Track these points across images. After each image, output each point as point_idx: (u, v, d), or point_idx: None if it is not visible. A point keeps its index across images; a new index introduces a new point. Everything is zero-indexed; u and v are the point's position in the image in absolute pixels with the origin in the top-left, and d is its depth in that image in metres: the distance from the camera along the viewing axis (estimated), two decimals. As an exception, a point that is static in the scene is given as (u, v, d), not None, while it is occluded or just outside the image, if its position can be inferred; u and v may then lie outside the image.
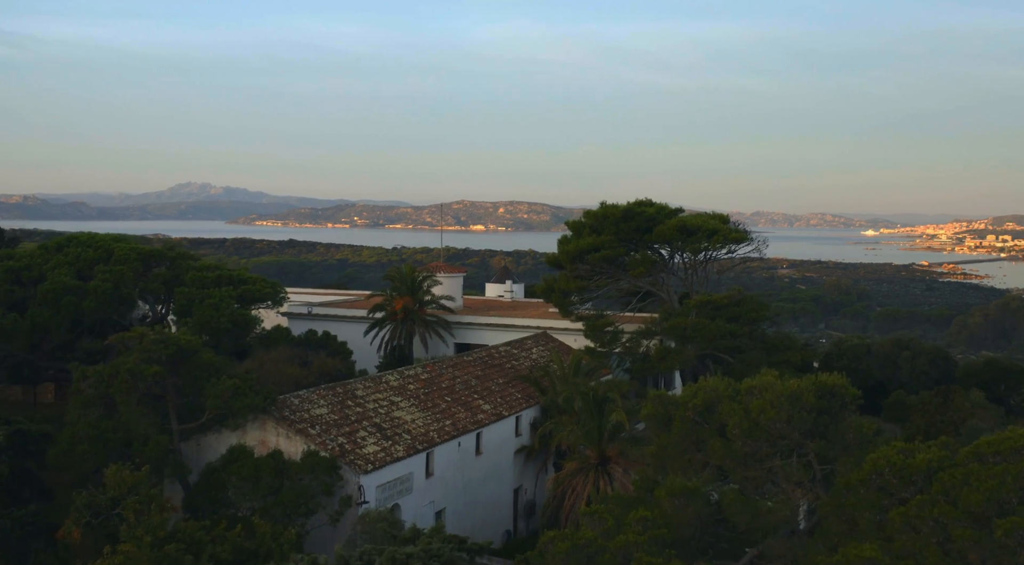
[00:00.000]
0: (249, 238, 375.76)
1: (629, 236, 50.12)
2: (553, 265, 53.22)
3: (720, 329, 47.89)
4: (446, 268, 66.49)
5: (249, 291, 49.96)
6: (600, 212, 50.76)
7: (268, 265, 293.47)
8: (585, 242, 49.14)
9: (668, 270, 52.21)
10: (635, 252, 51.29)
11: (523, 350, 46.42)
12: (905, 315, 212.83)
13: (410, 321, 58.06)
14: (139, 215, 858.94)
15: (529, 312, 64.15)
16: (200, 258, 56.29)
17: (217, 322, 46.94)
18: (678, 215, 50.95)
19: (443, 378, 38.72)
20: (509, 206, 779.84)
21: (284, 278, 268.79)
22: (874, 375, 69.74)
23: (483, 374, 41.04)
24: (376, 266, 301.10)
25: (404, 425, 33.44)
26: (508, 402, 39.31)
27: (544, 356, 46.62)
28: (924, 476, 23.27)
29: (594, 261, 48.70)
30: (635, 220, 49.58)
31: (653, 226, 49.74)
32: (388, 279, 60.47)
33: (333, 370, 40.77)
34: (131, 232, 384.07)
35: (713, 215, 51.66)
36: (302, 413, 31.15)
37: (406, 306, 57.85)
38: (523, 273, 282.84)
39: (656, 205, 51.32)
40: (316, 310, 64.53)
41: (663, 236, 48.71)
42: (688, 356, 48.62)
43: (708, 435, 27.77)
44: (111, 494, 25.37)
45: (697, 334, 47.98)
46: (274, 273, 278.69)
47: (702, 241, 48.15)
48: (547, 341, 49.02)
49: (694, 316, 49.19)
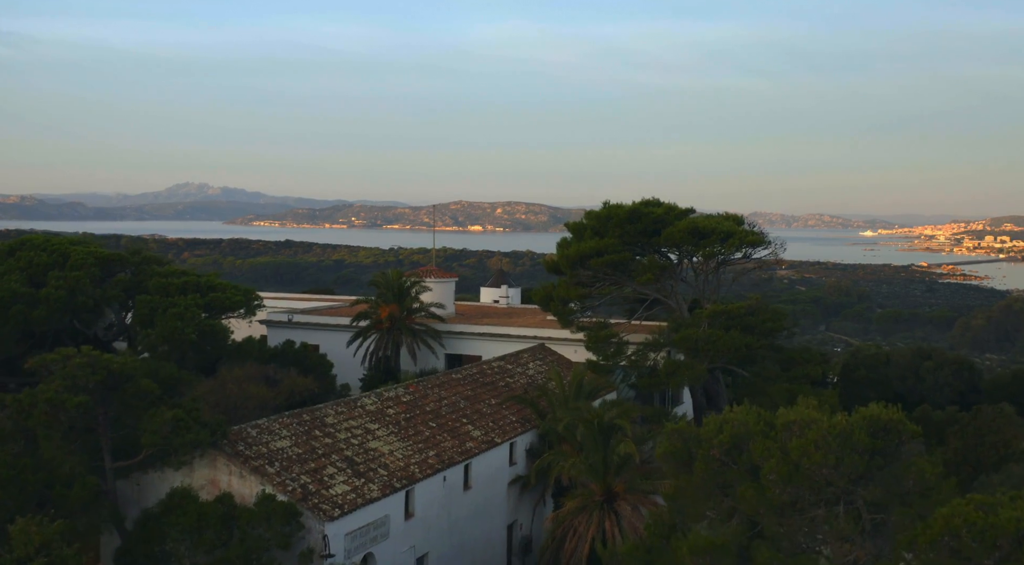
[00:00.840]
0: (245, 239, 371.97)
1: (635, 239, 45.67)
2: (552, 270, 48.76)
3: (735, 341, 43.48)
4: (437, 273, 62.04)
5: (218, 299, 45.50)
6: (603, 213, 46.31)
7: (264, 266, 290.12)
8: (587, 246, 44.68)
9: (676, 276, 47.77)
10: (642, 256, 46.85)
11: (518, 365, 41.98)
12: (907, 317, 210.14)
13: (397, 331, 53.59)
14: (136, 215, 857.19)
15: (526, 320, 59.67)
16: (168, 263, 51.77)
17: (182, 334, 42.51)
18: (688, 216, 46.50)
19: (427, 400, 34.27)
20: (507, 206, 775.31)
21: (279, 279, 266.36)
22: (894, 387, 65.37)
23: (473, 394, 36.59)
24: (373, 267, 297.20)
25: (380, 458, 28.96)
26: (501, 427, 34.88)
27: (542, 372, 42.18)
28: (1012, 541, 18.88)
29: (597, 266, 44.25)
30: (642, 221, 45.14)
31: (661, 228, 45.30)
32: (373, 285, 55.95)
33: (304, 390, 36.25)
34: (128, 232, 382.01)
35: (726, 216, 47.22)
36: (260, 447, 26.69)
37: (392, 314, 53.37)
38: (520, 274, 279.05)
39: (664, 205, 46.87)
40: (297, 318, 60.05)
41: (672, 239, 44.25)
42: (700, 371, 44.17)
43: (737, 478, 23.31)
44: (17, 554, 20.89)
45: (710, 347, 43.56)
46: (270, 274, 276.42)
47: (716, 244, 43.69)
48: (545, 354, 44.61)
49: (706, 327, 44.77)
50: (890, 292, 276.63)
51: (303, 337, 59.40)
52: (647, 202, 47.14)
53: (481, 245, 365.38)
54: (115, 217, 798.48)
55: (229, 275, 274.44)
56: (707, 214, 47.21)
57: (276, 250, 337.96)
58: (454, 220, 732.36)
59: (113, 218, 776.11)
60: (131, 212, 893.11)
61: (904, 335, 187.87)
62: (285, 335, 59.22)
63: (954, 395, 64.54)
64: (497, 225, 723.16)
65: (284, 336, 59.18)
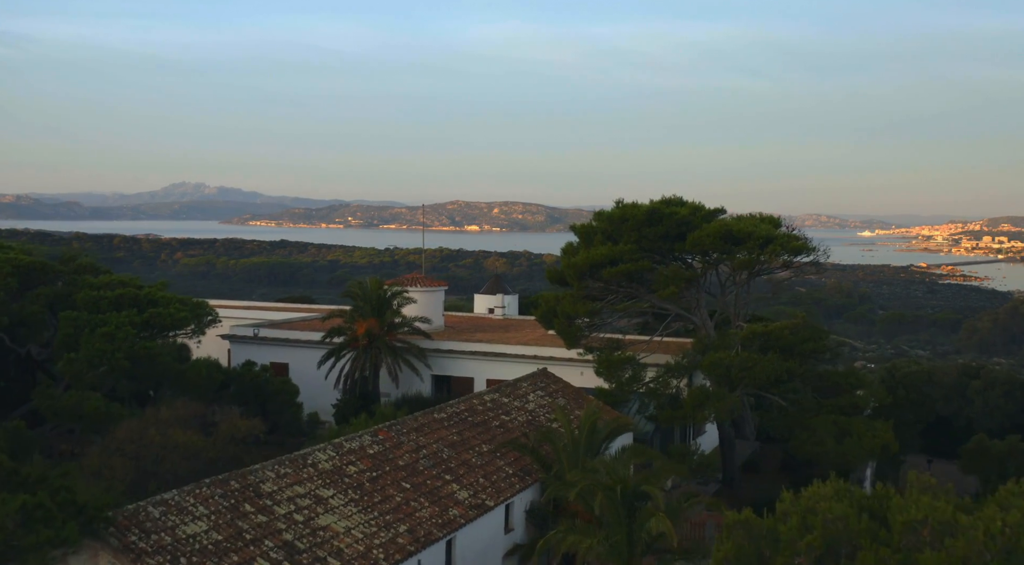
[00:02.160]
0: (240, 238, 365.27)
1: (654, 244, 38.46)
2: (555, 281, 41.52)
3: (775, 367, 36.29)
4: (424, 281, 54.75)
5: (159, 316, 38.25)
6: (616, 214, 39.07)
7: (257, 266, 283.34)
8: (598, 253, 37.44)
9: (701, 287, 40.57)
10: (661, 265, 39.64)
11: (516, 397, 34.70)
12: (910, 319, 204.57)
13: (375, 349, 46.33)
14: (132, 215, 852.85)
15: (524, 335, 52.45)
16: (106, 271, 44.47)
17: (111, 358, 35.30)
18: (718, 217, 39.31)
19: (401, 451, 27.02)
20: (504, 206, 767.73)
21: (273, 280, 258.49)
22: (937, 410, 58.20)
23: (460, 439, 29.32)
24: (368, 267, 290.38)
25: (332, 540, 21.71)
26: (495, 483, 27.65)
27: (545, 405, 34.90)
28: None
29: (611, 278, 37.03)
30: (663, 224, 37.92)
31: (686, 231, 38.09)
32: (348, 296, 48.61)
33: (246, 434, 28.94)
34: (124, 232, 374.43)
35: (761, 217, 39.98)
36: (162, 535, 19.44)
37: (370, 331, 46.09)
38: (518, 275, 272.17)
39: (689, 205, 39.64)
40: (264, 333, 52.77)
41: (701, 245, 37.02)
42: (732, 403, 36.95)
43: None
44: None
45: (745, 374, 36.35)
46: (263, 274, 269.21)
47: (754, 251, 36.44)
48: (548, 382, 37.36)
49: (738, 349, 37.56)
50: (891, 293, 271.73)
51: (270, 355, 52.20)
52: (668, 201, 39.93)
53: (478, 245, 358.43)
54: (111, 217, 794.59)
55: (222, 276, 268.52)
56: (738, 216, 39.95)
57: (271, 250, 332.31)
58: (451, 220, 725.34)
59: (109, 218, 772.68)
60: (127, 212, 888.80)
61: (908, 337, 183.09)
62: (250, 353, 52.02)
63: (1006, 419, 57.42)
64: (494, 225, 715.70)
65: (249, 354, 51.98)
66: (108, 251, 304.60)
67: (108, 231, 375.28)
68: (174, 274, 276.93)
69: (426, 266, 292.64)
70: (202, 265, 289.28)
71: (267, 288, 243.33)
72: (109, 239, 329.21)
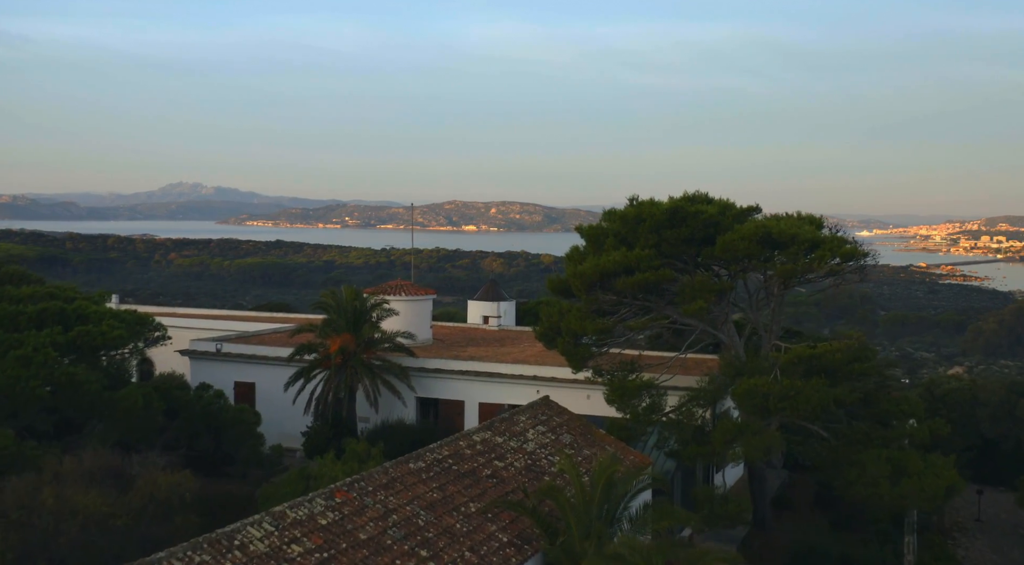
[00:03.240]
0: (235, 239, 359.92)
1: (676, 249, 32.35)
2: (558, 291, 35.34)
3: (822, 397, 30.19)
4: (409, 289, 48.64)
5: (88, 334, 32.20)
6: (632, 213, 32.91)
7: (252, 267, 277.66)
8: (610, 259, 31.29)
9: (729, 299, 34.45)
10: (684, 273, 33.52)
11: (512, 436, 28.60)
12: (914, 320, 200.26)
13: (350, 369, 40.25)
14: (129, 215, 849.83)
15: (523, 349, 46.44)
16: (37, 280, 38.40)
17: (26, 387, 29.30)
18: (752, 217, 33.22)
19: (364, 518, 20.96)
20: (501, 206, 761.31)
21: (268, 281, 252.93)
22: (982, 430, 52.22)
23: (442, 497, 23.24)
24: (363, 268, 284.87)
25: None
26: (484, 559, 21.54)
27: (547, 445, 28.77)
28: None
29: (626, 289, 30.91)
30: (687, 225, 31.79)
31: (714, 234, 31.98)
32: (320, 307, 42.46)
33: (169, 496, 22.74)
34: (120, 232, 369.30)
35: (800, 217, 33.84)
36: None
37: (345, 348, 40.02)
38: (515, 275, 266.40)
39: (717, 203, 33.54)
40: (228, 348, 46.66)
41: (734, 250, 30.88)
42: (771, 440, 30.84)
43: None
44: None
45: (786, 404, 30.24)
46: (258, 275, 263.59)
47: (798, 257, 30.33)
48: (551, 414, 31.23)
49: (777, 374, 31.45)
50: (892, 294, 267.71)
51: (235, 373, 46.17)
52: (691, 198, 33.81)
53: (475, 245, 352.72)
54: (108, 217, 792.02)
55: (216, 277, 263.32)
56: (775, 215, 33.79)
57: (266, 250, 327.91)
58: (448, 220, 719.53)
59: (106, 218, 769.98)
60: (124, 212, 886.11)
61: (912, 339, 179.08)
62: (212, 371, 46.03)
63: (1060, 442, 51.45)
64: (491, 225, 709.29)
65: (211, 372, 45.98)
66: (102, 251, 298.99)
67: (105, 231, 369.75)
68: (168, 275, 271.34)
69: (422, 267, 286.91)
70: (196, 266, 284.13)
71: (261, 289, 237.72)
72: (103, 239, 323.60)
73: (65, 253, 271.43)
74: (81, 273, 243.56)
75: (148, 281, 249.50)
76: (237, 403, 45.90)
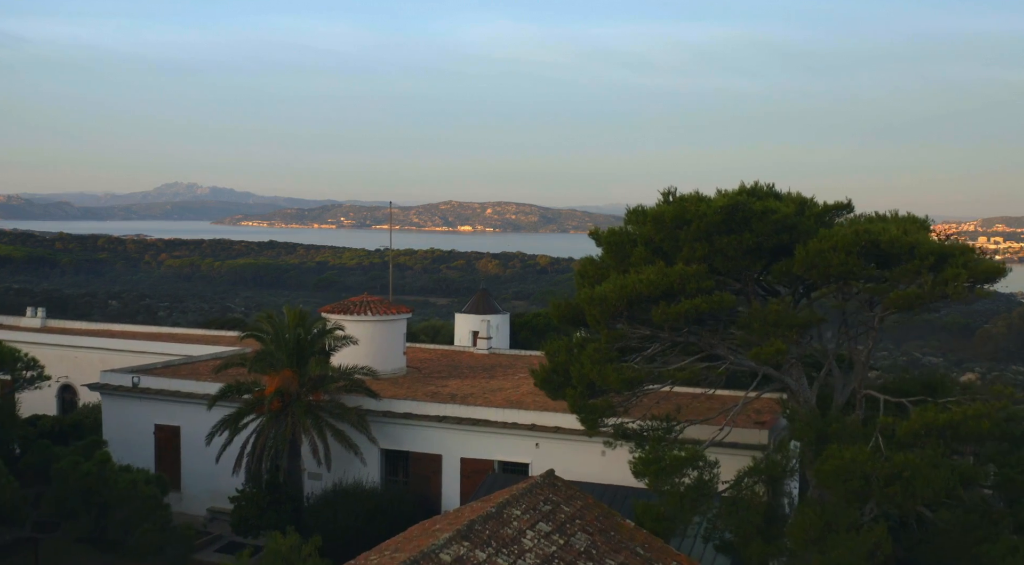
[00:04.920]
0: (227, 239, 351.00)
1: (736, 263, 22.75)
2: (567, 320, 25.59)
3: (948, 479, 20.72)
4: (377, 307, 38.92)
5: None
6: (670, 213, 23.17)
7: (244, 268, 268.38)
8: (643, 279, 21.61)
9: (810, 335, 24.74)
10: (741, 294, 23.94)
11: (501, 544, 19.09)
12: (919, 323, 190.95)
13: (292, 417, 30.65)
14: (124, 215, 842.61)
15: (517, 384, 36.89)
16: None
17: None
18: (842, 219, 23.62)
19: None
20: (497, 207, 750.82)
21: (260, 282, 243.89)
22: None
23: None
24: (357, 269, 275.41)
25: None
26: None
27: (552, 556, 19.27)
28: None
29: (668, 320, 21.29)
30: (752, 230, 22.18)
31: (790, 242, 22.42)
32: (253, 336, 32.60)
33: None
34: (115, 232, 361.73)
35: (903, 218, 24.16)
36: None
37: (284, 389, 30.43)
38: (511, 277, 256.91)
39: (788, 198, 23.99)
40: (146, 382, 36.99)
41: (824, 265, 21.20)
42: (876, 540, 21.24)
43: None
44: None
45: (899, 490, 20.72)
46: (249, 276, 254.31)
47: (921, 277, 20.74)
48: (557, 501, 21.70)
49: (879, 442, 21.87)
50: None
51: (155, 414, 36.60)
52: (751, 191, 24.18)
53: (470, 246, 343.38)
54: (102, 217, 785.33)
55: (207, 278, 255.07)
56: (870, 216, 24.09)
57: (258, 251, 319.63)
58: (444, 220, 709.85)
59: (100, 218, 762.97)
60: (119, 212, 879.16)
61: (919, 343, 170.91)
62: (128, 410, 36.57)
63: None
64: (487, 225, 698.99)
65: (127, 412, 36.54)
66: (91, 252, 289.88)
67: (100, 231, 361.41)
68: (157, 276, 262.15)
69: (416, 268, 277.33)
70: (186, 267, 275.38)
71: (252, 291, 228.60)
72: (93, 240, 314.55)
73: (54, 254, 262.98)
74: (69, 274, 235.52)
75: (137, 282, 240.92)
76: (159, 452, 36.52)
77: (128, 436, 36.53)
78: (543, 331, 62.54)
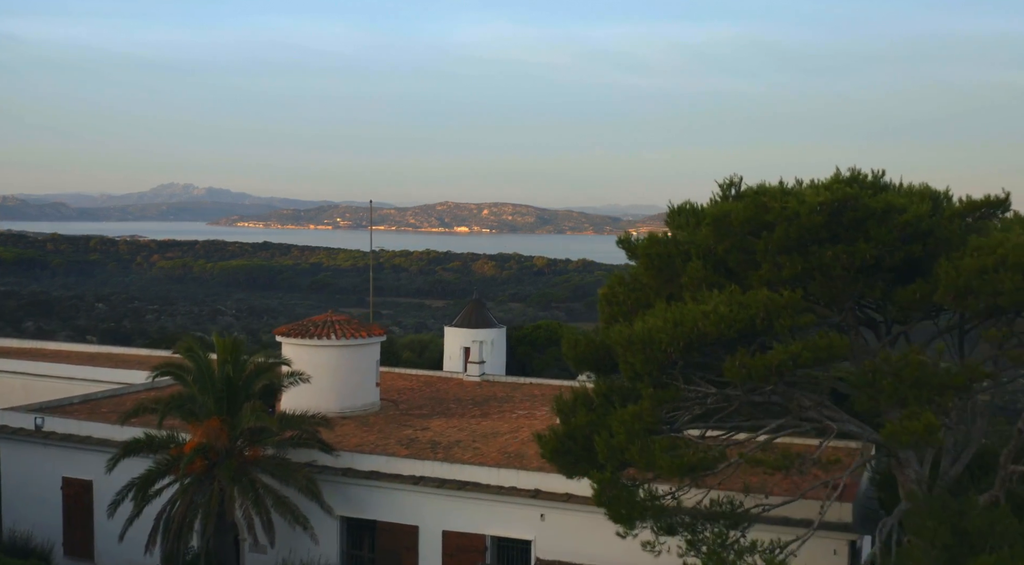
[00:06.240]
0: (221, 240, 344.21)
1: (845, 286, 15.33)
2: (589, 364, 18.06)
3: None
4: (345, 329, 31.32)
5: None
6: (739, 215, 15.65)
7: (236, 270, 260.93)
8: (711, 312, 14.18)
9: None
10: (842, 330, 16.50)
11: None
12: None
13: (219, 480, 23.17)
14: (120, 216, 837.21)
15: (516, 427, 29.42)
16: None
17: None
18: (996, 219, 16.20)
19: None
20: (493, 207, 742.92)
21: (253, 284, 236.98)
22: None
23: None
24: (352, 270, 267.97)
25: None
26: None
27: None
28: None
29: (753, 376, 13.85)
30: (870, 237, 14.77)
31: (926, 256, 15.05)
32: (170, 372, 25.02)
33: None
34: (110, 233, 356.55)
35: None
36: None
37: (210, 444, 22.96)
38: (507, 279, 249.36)
39: (913, 192, 16.58)
40: (51, 424, 29.43)
41: (990, 292, 13.84)
42: None
43: None
44: None
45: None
46: (242, 278, 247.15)
47: None
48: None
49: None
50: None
51: (63, 465, 29.10)
52: (852, 180, 16.74)
53: (467, 247, 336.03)
54: (98, 218, 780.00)
55: (199, 280, 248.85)
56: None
57: (253, 252, 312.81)
58: (440, 221, 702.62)
59: (96, 219, 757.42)
60: (114, 212, 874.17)
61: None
62: (32, 459, 29.13)
63: None
64: (484, 226, 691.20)
65: (31, 461, 29.10)
66: (83, 253, 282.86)
67: (95, 232, 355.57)
68: (149, 278, 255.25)
69: (412, 270, 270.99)
70: (178, 268, 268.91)
71: (245, 292, 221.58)
72: (85, 241, 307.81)
73: (44, 255, 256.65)
74: (60, 276, 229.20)
75: (128, 284, 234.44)
76: (67, 512, 29.09)
77: (32, 492, 29.15)
78: (544, 346, 54.91)
